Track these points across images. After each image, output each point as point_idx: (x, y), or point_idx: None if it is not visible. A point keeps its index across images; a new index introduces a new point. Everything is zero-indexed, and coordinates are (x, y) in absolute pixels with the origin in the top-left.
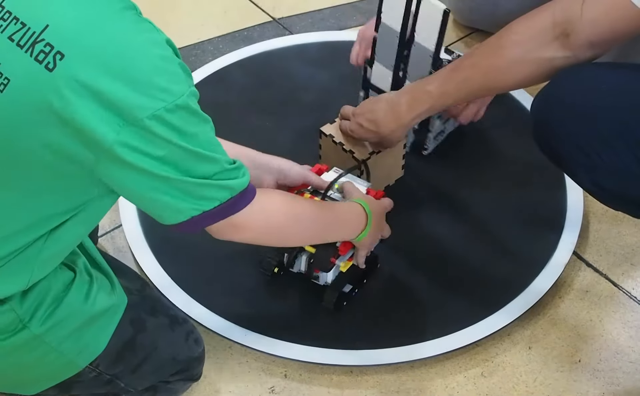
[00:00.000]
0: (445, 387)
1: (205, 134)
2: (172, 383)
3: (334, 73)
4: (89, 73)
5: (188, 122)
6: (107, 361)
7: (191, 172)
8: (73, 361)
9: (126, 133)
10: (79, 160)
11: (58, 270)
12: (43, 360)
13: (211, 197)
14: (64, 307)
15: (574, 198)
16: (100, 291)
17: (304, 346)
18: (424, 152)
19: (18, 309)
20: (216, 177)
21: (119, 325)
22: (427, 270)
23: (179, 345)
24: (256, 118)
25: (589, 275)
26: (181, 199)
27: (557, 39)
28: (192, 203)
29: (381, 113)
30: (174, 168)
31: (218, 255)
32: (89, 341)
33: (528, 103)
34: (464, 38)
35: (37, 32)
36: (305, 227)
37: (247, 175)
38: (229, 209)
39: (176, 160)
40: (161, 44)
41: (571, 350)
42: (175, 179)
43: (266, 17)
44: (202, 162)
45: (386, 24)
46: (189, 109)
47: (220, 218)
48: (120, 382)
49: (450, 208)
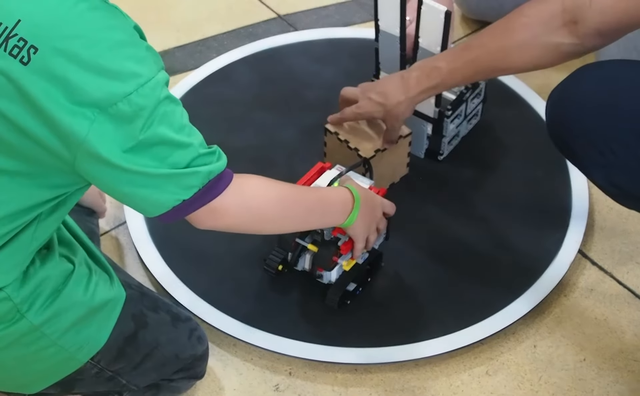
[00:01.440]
0: (450, 385)
1: (179, 118)
2: (176, 382)
3: (338, 70)
4: (61, 65)
5: (160, 105)
6: (109, 357)
7: (167, 162)
8: (74, 356)
9: (99, 123)
10: (58, 155)
11: (57, 261)
12: (43, 354)
13: (189, 185)
14: (63, 298)
15: (579, 197)
16: (99, 283)
17: (309, 344)
18: (439, 158)
19: (15, 298)
20: (193, 164)
21: (119, 319)
22: (431, 268)
23: (182, 342)
24: (260, 115)
25: (594, 274)
26: (160, 191)
27: (566, 26)
28: (171, 194)
29: (391, 86)
30: (149, 158)
31: (222, 252)
32: (89, 336)
33: (535, 102)
34: (470, 34)
35: (10, 27)
36: (286, 210)
37: (224, 158)
38: (207, 194)
39: (151, 148)
40: (129, 30)
41: (576, 348)
42: (152, 172)
43: (271, 14)
44: (177, 149)
45: (385, 31)
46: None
47: (200, 205)
48: (122, 379)
49: (456, 207)
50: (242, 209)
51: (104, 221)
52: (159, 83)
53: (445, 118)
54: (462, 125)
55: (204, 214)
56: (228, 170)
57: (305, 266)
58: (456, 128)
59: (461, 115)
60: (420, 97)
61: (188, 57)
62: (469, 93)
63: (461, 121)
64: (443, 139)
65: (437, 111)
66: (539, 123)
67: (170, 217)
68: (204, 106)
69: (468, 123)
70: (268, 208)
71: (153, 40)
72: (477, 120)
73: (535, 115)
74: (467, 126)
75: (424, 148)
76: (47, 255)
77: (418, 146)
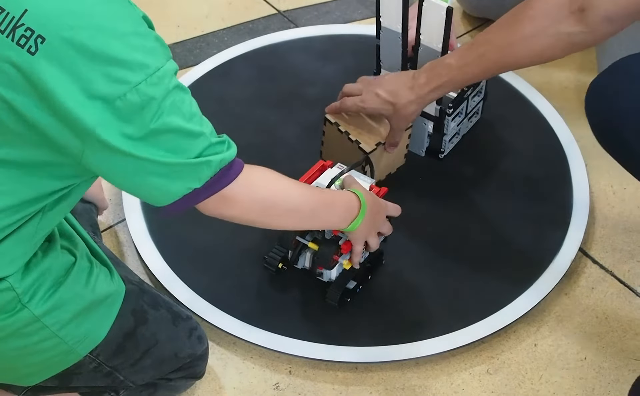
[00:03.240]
0: (451, 384)
1: (189, 107)
2: (174, 381)
3: (339, 66)
4: (69, 55)
5: (169, 95)
6: (108, 351)
7: (179, 151)
8: (73, 349)
9: (108, 113)
10: (67, 146)
11: (59, 253)
12: (43, 346)
13: (201, 174)
14: (64, 290)
15: (580, 195)
16: (100, 277)
17: (309, 343)
18: (440, 156)
19: (17, 288)
20: (205, 153)
21: (119, 314)
22: (432, 267)
23: (182, 341)
24: (260, 111)
25: (595, 272)
26: (172, 179)
27: (573, 14)
28: (183, 183)
29: (401, 84)
30: (160, 147)
31: (222, 250)
32: (89, 329)
33: (536, 100)
34: (471, 31)
35: (17, 17)
36: (291, 206)
37: (234, 147)
38: (218, 183)
39: (162, 137)
40: (137, 19)
41: (577, 347)
42: (164, 161)
43: (271, 10)
44: (188, 138)
45: (387, 27)
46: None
47: (210, 193)
48: (119, 375)
49: (457, 205)
50: (249, 199)
51: (103, 218)
52: (167, 72)
53: (446, 116)
54: (463, 123)
55: (214, 202)
56: (238, 159)
57: (306, 264)
58: (457, 126)
59: (462, 113)
60: (431, 96)
61: (188, 53)
62: (469, 91)
63: (462, 119)
64: (444, 137)
65: (438, 109)
66: (540, 121)
67: (180, 206)
68: (204, 103)
69: (469, 121)
70: (273, 201)
71: None
72: (477, 118)
73: (537, 113)
74: (467, 124)
75: (424, 146)
76: (48, 246)
77: (419, 144)
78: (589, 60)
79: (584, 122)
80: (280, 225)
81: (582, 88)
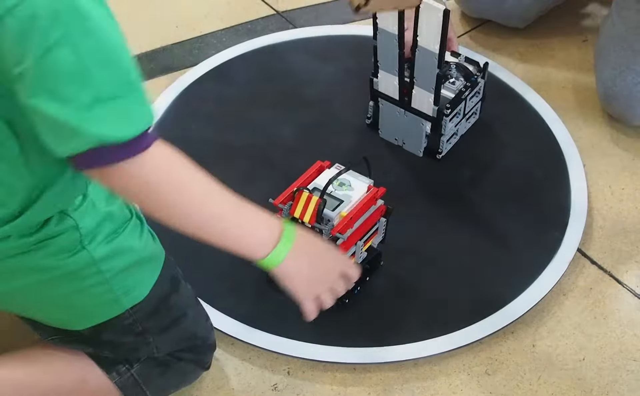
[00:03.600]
0: (449, 385)
1: (108, 30)
2: (184, 362)
3: (337, 67)
4: None
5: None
6: (144, 311)
7: (90, 81)
8: (119, 300)
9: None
10: None
11: (119, 204)
12: (93, 291)
13: (117, 125)
14: (122, 239)
15: (578, 195)
16: (149, 236)
17: (307, 344)
18: (438, 156)
19: (81, 228)
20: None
21: (160, 277)
22: (430, 268)
23: (201, 322)
24: (259, 112)
25: (593, 273)
26: (81, 120)
27: None
28: (97, 129)
29: None
30: (65, 69)
31: (221, 251)
32: (136, 283)
33: (534, 100)
34: (470, 31)
35: None
36: (186, 201)
37: (152, 111)
38: (131, 148)
39: (70, 60)
40: None
41: (575, 348)
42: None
43: (270, 10)
44: (102, 67)
45: (384, 29)
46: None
47: (121, 158)
48: (149, 337)
49: (454, 206)
50: (147, 179)
51: None
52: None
53: (444, 117)
54: (461, 124)
55: (117, 171)
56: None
57: None
58: (455, 126)
59: (460, 114)
60: None
61: (186, 53)
62: (467, 91)
63: (460, 120)
64: (442, 138)
65: (435, 109)
66: (538, 121)
67: (82, 163)
68: (202, 103)
69: (467, 121)
70: (168, 188)
71: (152, 36)
72: (475, 118)
73: (535, 114)
74: (465, 125)
75: (422, 147)
76: (111, 195)
77: (416, 145)
78: (587, 61)
79: (582, 123)
80: (170, 219)
81: (579, 88)
